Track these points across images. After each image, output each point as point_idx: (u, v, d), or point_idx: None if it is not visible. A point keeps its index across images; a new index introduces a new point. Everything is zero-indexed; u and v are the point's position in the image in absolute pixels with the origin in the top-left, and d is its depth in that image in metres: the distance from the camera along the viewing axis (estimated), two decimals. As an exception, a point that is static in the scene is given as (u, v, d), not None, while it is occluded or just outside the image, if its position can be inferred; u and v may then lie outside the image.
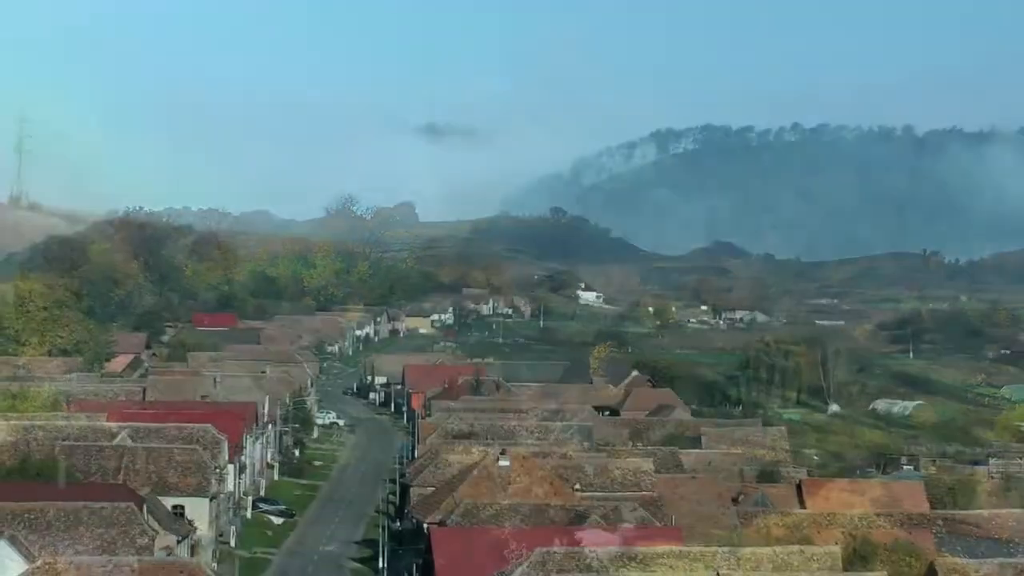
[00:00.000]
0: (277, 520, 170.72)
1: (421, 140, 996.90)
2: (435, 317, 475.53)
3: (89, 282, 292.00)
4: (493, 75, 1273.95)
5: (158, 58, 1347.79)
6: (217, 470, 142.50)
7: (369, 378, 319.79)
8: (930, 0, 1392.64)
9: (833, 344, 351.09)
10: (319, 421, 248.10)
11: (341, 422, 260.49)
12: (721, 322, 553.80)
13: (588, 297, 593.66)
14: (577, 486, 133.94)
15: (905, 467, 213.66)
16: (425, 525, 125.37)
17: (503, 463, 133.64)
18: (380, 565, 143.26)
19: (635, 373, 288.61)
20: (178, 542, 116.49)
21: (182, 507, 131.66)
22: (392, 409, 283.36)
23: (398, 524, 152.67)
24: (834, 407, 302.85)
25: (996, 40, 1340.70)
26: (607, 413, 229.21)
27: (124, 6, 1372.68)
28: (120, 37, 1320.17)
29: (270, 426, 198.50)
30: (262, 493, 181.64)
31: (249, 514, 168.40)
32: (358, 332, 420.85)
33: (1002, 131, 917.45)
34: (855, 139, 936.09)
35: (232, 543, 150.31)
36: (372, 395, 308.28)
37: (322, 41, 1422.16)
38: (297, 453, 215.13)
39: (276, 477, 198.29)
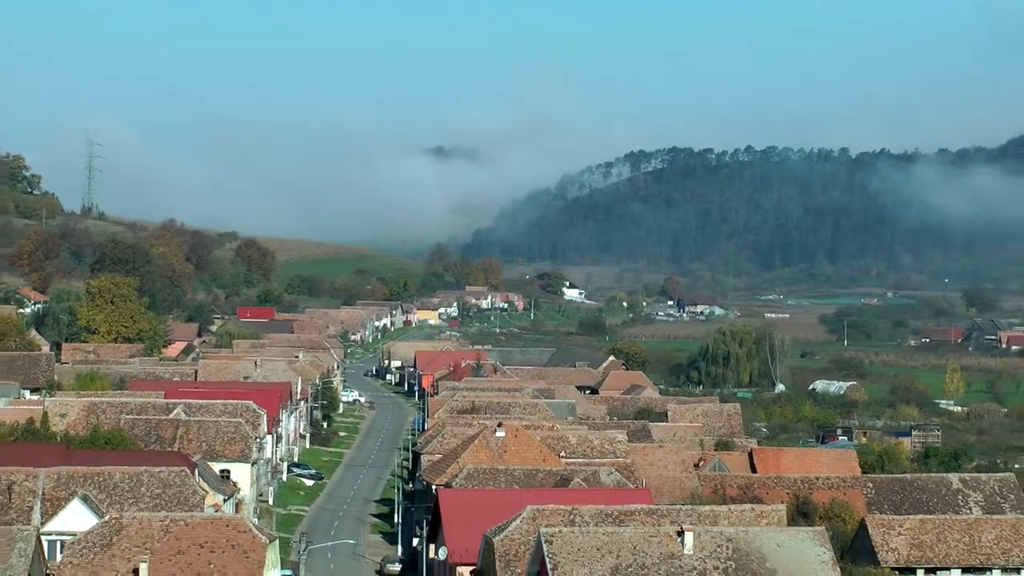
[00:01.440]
0: (308, 482, 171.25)
1: (431, 160, 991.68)
2: (442, 310, 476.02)
3: (149, 280, 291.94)
4: (492, 104, 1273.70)
5: (207, 89, 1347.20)
6: (257, 440, 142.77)
7: (386, 362, 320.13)
8: (860, 36, 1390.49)
9: (779, 334, 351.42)
10: (343, 398, 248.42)
11: (362, 399, 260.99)
12: (684, 315, 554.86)
13: (572, 293, 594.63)
14: (562, 453, 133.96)
15: (840, 438, 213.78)
16: (433, 486, 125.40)
17: (499, 434, 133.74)
18: (395, 520, 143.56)
19: (611, 358, 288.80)
20: (224, 501, 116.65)
21: (228, 471, 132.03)
22: (405, 388, 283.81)
23: (410, 485, 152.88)
24: (780, 387, 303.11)
25: (917, 72, 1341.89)
26: (588, 392, 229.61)
27: (175, 48, 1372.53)
28: (171, 73, 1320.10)
29: (302, 402, 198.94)
30: (295, 459, 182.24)
31: (284, 477, 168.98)
32: (376, 323, 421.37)
33: (924, 152, 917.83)
34: (799, 159, 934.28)
35: (270, 501, 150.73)
36: (388, 376, 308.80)
37: (347, 77, 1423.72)
38: (325, 425, 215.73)
39: (307, 446, 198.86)
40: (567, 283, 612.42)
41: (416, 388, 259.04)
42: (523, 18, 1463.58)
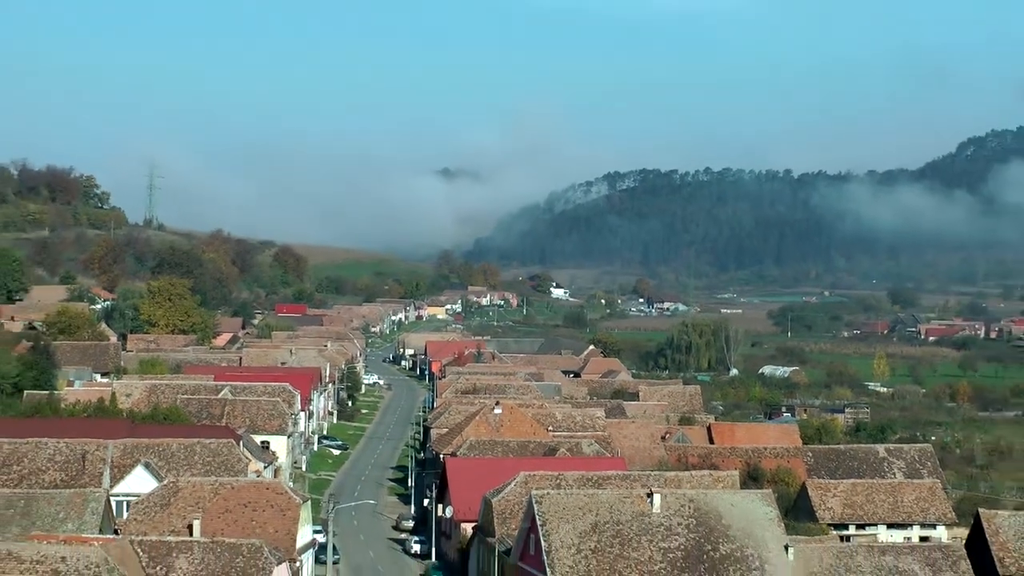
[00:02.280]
0: (336, 451, 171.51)
1: (439, 179, 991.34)
2: (448, 307, 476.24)
3: (200, 281, 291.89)
4: (491, 133, 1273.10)
5: (251, 118, 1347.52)
6: (292, 416, 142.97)
7: (401, 350, 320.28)
8: (801, 73, 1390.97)
9: (733, 327, 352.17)
10: (365, 381, 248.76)
11: (381, 382, 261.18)
12: (653, 311, 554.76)
13: (558, 292, 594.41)
14: (550, 428, 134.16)
15: (784, 414, 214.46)
16: (441, 455, 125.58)
17: (497, 411, 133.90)
18: (409, 484, 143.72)
19: (591, 347, 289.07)
20: (264, 467, 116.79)
21: (267, 442, 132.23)
22: (417, 373, 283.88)
23: (422, 455, 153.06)
24: (734, 371, 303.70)
25: (851, 104, 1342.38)
26: (571, 375, 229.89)
27: (224, 83, 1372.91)
28: (221, 105, 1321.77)
29: (330, 384, 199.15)
30: (324, 432, 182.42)
31: (315, 447, 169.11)
32: (393, 317, 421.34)
33: (855, 173, 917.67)
34: (750, 179, 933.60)
35: (303, 468, 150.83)
36: (403, 362, 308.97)
37: (369, 109, 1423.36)
38: (349, 404, 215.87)
39: (334, 421, 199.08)
40: (554, 284, 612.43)
41: (426, 372, 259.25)
42: (518, 60, 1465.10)
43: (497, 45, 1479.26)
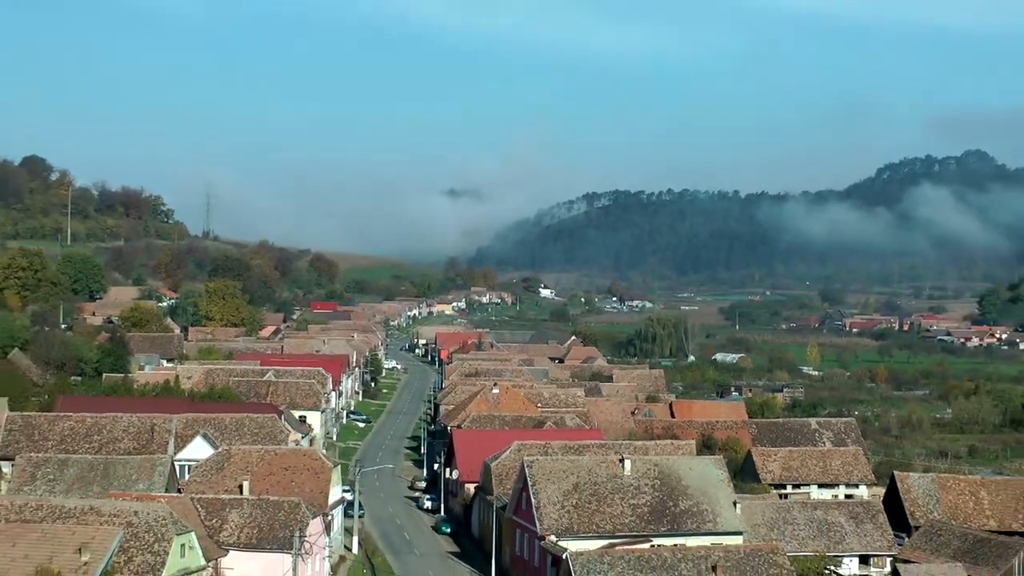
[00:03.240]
0: (361, 424, 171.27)
1: (447, 198, 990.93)
2: (454, 304, 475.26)
3: (248, 283, 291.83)
4: (490, 159, 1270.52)
5: (291, 144, 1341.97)
6: (325, 395, 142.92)
7: (415, 340, 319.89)
8: (746, 109, 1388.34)
9: (690, 321, 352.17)
10: (385, 366, 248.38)
11: (398, 367, 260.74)
12: (624, 307, 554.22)
13: (546, 292, 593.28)
14: (538, 405, 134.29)
15: (733, 393, 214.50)
16: (448, 427, 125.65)
17: (495, 391, 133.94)
18: (422, 451, 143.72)
19: (573, 338, 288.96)
20: (302, 438, 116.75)
21: (304, 417, 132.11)
22: (429, 359, 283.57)
23: (432, 427, 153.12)
24: (691, 358, 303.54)
25: (788, 134, 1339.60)
26: (556, 361, 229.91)
27: (269, 115, 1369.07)
28: (266, 133, 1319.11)
29: (356, 369, 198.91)
30: (352, 408, 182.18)
31: (344, 421, 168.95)
32: (408, 313, 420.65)
33: (792, 194, 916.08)
34: (706, 198, 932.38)
35: (334, 438, 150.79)
36: (417, 350, 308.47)
37: (391, 138, 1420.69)
38: (372, 384, 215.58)
39: (360, 399, 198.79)
40: (542, 285, 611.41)
41: (436, 359, 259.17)
42: (512, 102, 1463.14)
43: (495, 90, 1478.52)
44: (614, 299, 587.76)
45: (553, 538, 78.34)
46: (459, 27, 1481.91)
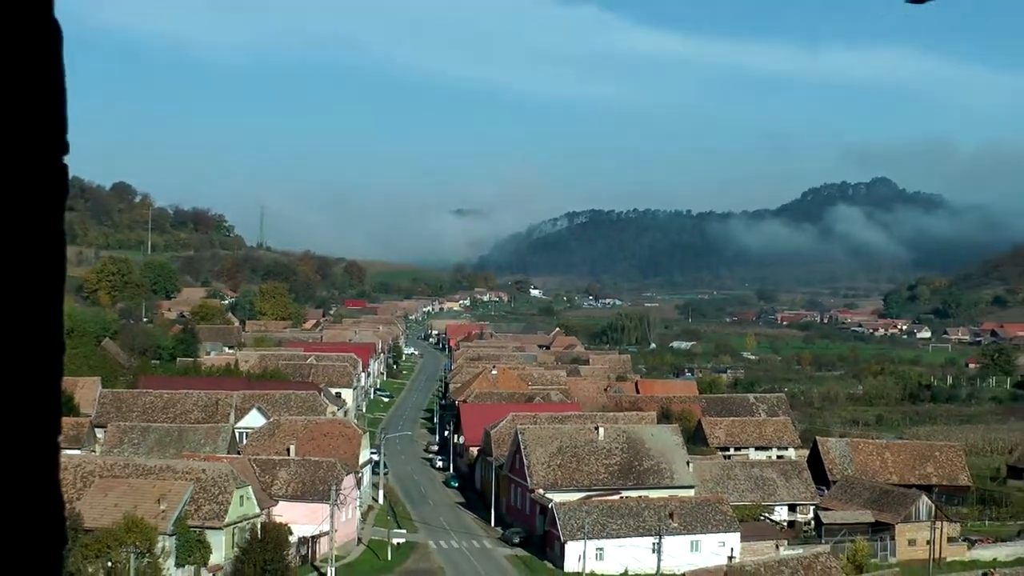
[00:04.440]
0: (386, 399, 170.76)
1: (455, 216, 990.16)
2: (460, 302, 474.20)
3: (295, 285, 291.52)
4: (490, 183, 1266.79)
5: (332, 166, 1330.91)
6: (356, 375, 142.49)
7: (429, 331, 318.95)
8: (693, 141, 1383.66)
9: (652, 315, 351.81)
10: (405, 352, 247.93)
11: (416, 352, 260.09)
12: (599, 304, 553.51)
13: (535, 292, 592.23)
14: (529, 383, 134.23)
15: (686, 374, 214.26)
16: (456, 402, 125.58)
17: (494, 372, 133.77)
18: (435, 421, 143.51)
19: (557, 329, 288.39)
20: (337, 410, 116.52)
21: (340, 393, 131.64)
22: (440, 347, 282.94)
23: (443, 401, 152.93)
24: (652, 345, 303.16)
25: (731, 162, 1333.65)
26: (544, 348, 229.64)
27: (312, 140, 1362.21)
28: (311, 156, 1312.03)
29: (381, 354, 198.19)
30: (378, 386, 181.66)
31: (372, 396, 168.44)
32: (424, 309, 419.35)
33: (735, 212, 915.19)
34: (665, 216, 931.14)
35: (364, 410, 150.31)
36: (431, 340, 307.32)
37: (409, 165, 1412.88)
38: (394, 367, 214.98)
39: (384, 378, 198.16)
40: (532, 286, 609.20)
41: (446, 346, 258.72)
42: (508, 135, 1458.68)
43: (492, 127, 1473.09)
44: (590, 298, 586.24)
45: (541, 491, 78.37)
46: (458, 75, 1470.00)
